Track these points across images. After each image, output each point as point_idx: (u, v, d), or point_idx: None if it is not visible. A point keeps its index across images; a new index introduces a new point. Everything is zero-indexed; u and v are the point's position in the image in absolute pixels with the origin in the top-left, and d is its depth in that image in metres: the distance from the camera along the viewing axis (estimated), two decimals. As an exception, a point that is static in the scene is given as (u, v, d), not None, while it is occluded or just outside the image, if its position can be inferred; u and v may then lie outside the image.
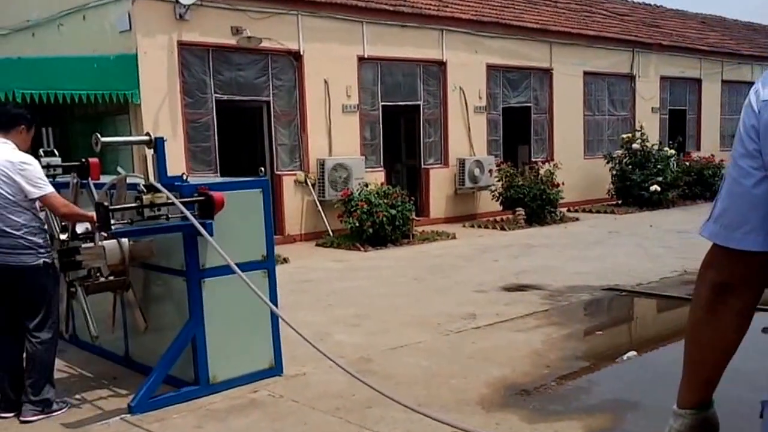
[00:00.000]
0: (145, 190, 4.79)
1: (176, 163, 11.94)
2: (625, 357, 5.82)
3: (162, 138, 5.23)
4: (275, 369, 5.67)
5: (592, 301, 7.86)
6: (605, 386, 5.38)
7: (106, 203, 4.67)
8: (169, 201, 4.84)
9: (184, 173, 5.28)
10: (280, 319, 5.65)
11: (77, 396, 5.49)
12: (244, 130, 14.09)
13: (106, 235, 4.81)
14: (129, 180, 5.32)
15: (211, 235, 5.04)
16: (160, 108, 11.96)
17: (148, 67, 11.74)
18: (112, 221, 4.71)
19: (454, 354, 6.06)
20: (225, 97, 12.69)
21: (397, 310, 7.71)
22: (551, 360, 5.80)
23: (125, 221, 4.90)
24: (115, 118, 12.28)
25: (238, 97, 12.90)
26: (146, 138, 5.17)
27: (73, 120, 13.26)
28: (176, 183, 5.22)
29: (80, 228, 5.17)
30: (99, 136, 4.97)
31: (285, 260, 10.99)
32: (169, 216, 4.98)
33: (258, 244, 5.58)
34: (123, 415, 4.98)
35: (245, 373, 5.51)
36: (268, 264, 5.64)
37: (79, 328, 6.73)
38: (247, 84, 12.97)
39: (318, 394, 5.25)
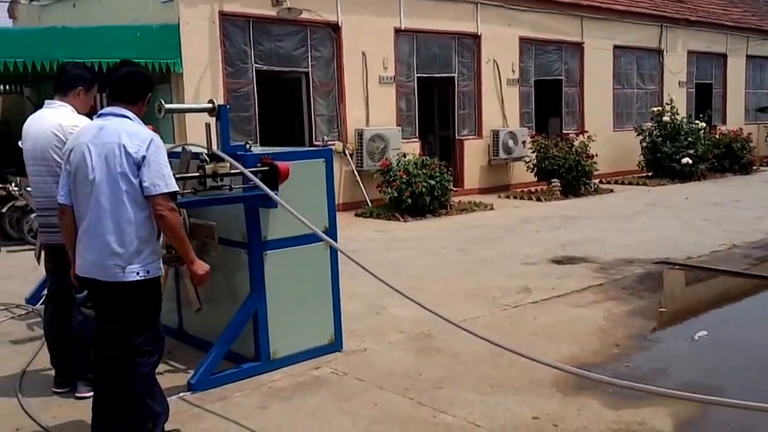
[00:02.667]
0: (207, 159, 4.32)
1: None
2: (696, 336, 5.33)
3: (226, 106, 4.76)
4: (335, 345, 5.24)
5: (646, 275, 7.33)
6: (683, 368, 4.87)
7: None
8: (234, 171, 4.37)
9: (248, 142, 4.81)
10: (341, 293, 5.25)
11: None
12: (283, 101, 13.60)
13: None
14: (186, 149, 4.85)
15: (275, 206, 4.60)
16: (202, 78, 11.52)
17: (190, 37, 11.30)
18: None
19: (517, 330, 5.60)
20: (265, 68, 12.21)
21: (448, 283, 7.24)
22: (619, 338, 5.32)
23: (188, 191, 4.45)
24: (156, 88, 11.81)
25: (277, 68, 12.42)
26: (209, 105, 4.70)
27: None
28: (239, 152, 4.75)
29: None
30: (163, 102, 4.51)
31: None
32: (232, 186, 4.53)
33: (320, 215, 5.12)
34: (182, 393, 4.58)
35: (306, 348, 5.09)
36: (330, 235, 5.18)
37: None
38: (286, 55, 12.47)
39: (383, 372, 4.82)
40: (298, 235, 4.91)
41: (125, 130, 3.52)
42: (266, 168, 4.59)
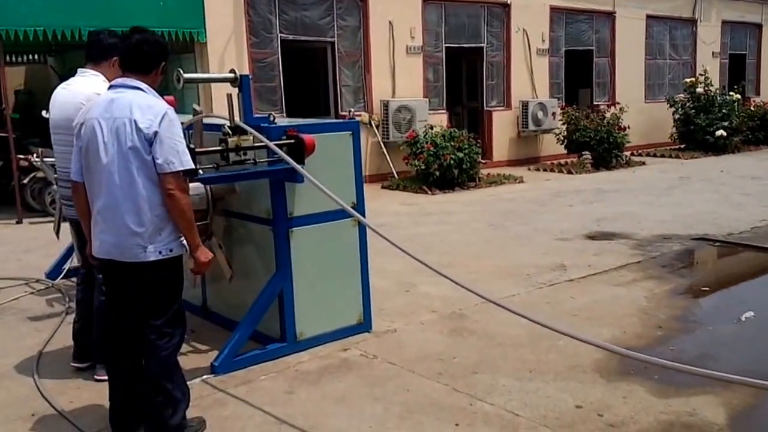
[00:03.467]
0: (230, 132, 4.02)
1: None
2: (743, 317, 4.97)
3: (248, 76, 4.45)
4: (364, 325, 4.96)
5: (686, 252, 6.95)
6: (732, 353, 4.53)
7: (191, 145, 3.91)
8: (258, 144, 4.07)
9: (271, 114, 4.50)
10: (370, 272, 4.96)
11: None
12: (308, 71, 13.25)
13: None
14: (207, 120, 4.56)
15: (301, 181, 4.31)
16: (226, 47, 11.21)
17: (214, 6, 10.98)
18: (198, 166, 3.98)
19: (554, 311, 5.28)
20: (290, 37, 11.86)
21: (480, 259, 6.93)
22: (662, 320, 4.97)
23: (210, 166, 4.17)
24: (180, 57, 11.54)
25: (303, 38, 12.06)
26: (231, 75, 4.39)
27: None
28: (263, 125, 4.45)
29: None
30: (181, 71, 4.21)
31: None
32: (256, 161, 4.23)
33: (348, 190, 4.82)
34: (206, 376, 4.34)
35: (333, 329, 4.82)
36: (358, 210, 4.86)
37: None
38: (312, 24, 12.09)
39: (415, 355, 4.53)
40: (325, 211, 4.62)
41: (137, 104, 3.24)
42: (291, 141, 4.28)
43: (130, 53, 3.35)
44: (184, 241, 3.43)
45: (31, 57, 14.32)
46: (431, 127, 11.84)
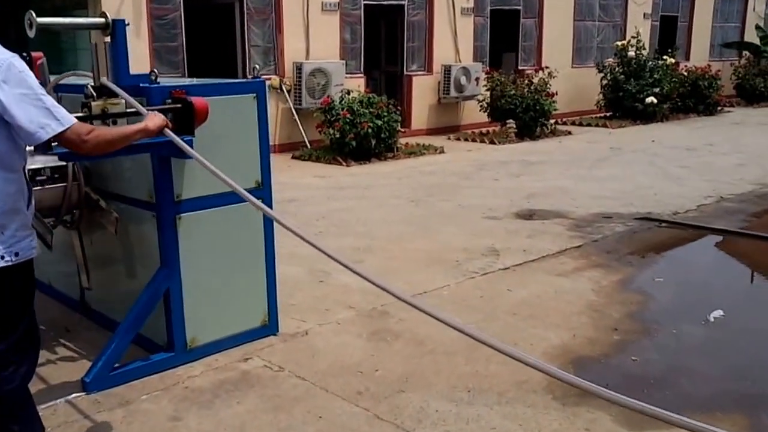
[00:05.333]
0: (94, 94, 3.25)
1: (139, 65, 10.14)
2: (711, 318, 4.56)
3: (123, 20, 3.67)
4: (269, 327, 4.33)
5: (629, 234, 6.58)
6: (707, 364, 4.07)
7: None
8: (131, 110, 3.32)
9: (153, 71, 3.74)
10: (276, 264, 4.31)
11: (16, 358, 4.09)
12: (214, 30, 12.28)
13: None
14: (75, 80, 3.77)
15: (190, 156, 3.59)
16: (123, 1, 10.18)
17: (106, -47, 9.89)
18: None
19: (490, 307, 4.77)
20: (193, -8, 10.88)
21: (402, 241, 6.37)
22: (616, 320, 4.53)
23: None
24: (72, 14, 10.42)
25: (207, -8, 11.09)
26: (100, 20, 3.59)
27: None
28: (142, 85, 3.69)
29: None
30: (33, 14, 3.39)
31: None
32: (131, 131, 3.47)
33: (251, 166, 4.16)
34: (75, 395, 3.65)
35: (232, 333, 4.17)
36: (263, 192, 4.23)
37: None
38: (216, -23, 11.14)
39: (329, 366, 3.93)
40: (223, 192, 3.91)
41: None
42: (177, 105, 3.55)
43: None
44: (34, 241, 2.69)
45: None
46: (348, 93, 11.16)
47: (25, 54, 4.55)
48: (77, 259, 4.35)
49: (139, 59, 10.29)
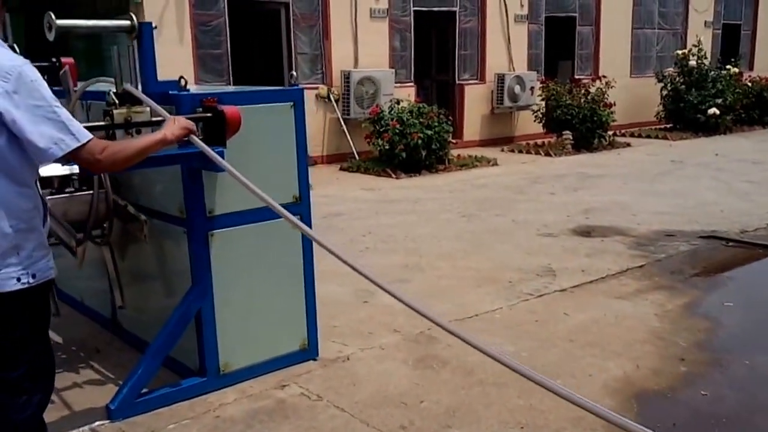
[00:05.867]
0: (116, 102, 3.05)
1: (184, 72, 10.04)
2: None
3: (150, 23, 3.48)
4: (308, 351, 4.07)
5: (695, 253, 6.14)
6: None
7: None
8: (157, 118, 3.12)
9: (181, 77, 3.53)
10: (316, 285, 4.06)
11: (44, 379, 3.92)
12: (260, 37, 12.19)
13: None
14: (104, 87, 3.59)
15: (222, 168, 3.36)
16: (165, 7, 10.17)
17: (150, -41, 9.89)
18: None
19: (545, 332, 4.43)
20: (239, -3, 10.81)
21: (452, 259, 6.07)
22: (683, 349, 4.14)
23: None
24: (114, 20, 10.43)
25: (253, -2, 11.01)
26: (126, 23, 3.41)
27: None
28: (171, 92, 3.49)
29: None
30: (52, 16, 3.21)
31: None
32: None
33: (288, 180, 3.92)
34: (98, 423, 3.45)
35: (269, 358, 3.92)
36: (301, 207, 3.99)
37: (62, 272, 5.17)
38: (263, -18, 11.05)
39: (370, 395, 3.65)
40: (259, 207, 3.67)
41: None
42: (208, 115, 3.33)
43: None
44: (51, 261, 2.50)
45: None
46: (397, 102, 10.91)
47: (54, 60, 4.46)
48: (110, 275, 4.18)
49: (183, 67, 10.22)
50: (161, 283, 4.02)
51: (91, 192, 3.73)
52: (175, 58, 10.20)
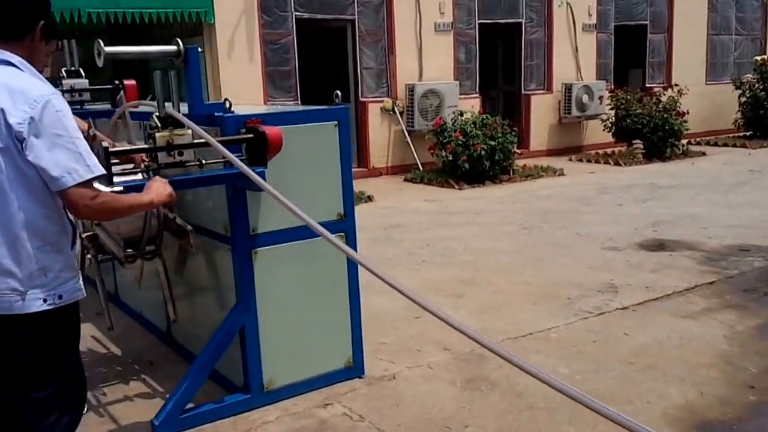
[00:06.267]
0: (159, 125, 3.02)
1: (254, 89, 10.35)
2: None
3: (196, 47, 3.44)
4: (354, 369, 3.96)
5: (770, 269, 5.76)
6: None
7: (106, 143, 2.93)
8: (199, 140, 3.07)
9: (226, 99, 3.48)
10: (362, 301, 3.94)
11: (101, 389, 3.97)
12: (326, 53, 12.23)
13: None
14: (145, 108, 3.59)
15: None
16: (236, 28, 10.31)
17: (222, -19, 10.06)
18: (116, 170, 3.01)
19: (603, 354, 4.18)
20: (306, 16, 10.89)
21: (510, 274, 5.85)
22: (753, 376, 3.82)
23: (138, 169, 3.20)
24: (189, 41, 10.64)
25: (320, 16, 11.07)
26: (173, 48, 3.38)
27: (151, 44, 11.68)
28: (216, 114, 3.45)
29: None
30: (101, 43, 3.21)
31: (369, 198, 9.28)
32: (203, 161, 3.21)
33: (332, 198, 3.81)
34: (143, 437, 3.41)
35: (313, 376, 3.83)
36: (346, 224, 3.87)
37: (123, 285, 5.25)
38: (330, 1, 11.12)
39: (414, 418, 3.51)
40: (302, 225, 3.56)
41: (6, 86, 2.27)
42: (249, 136, 3.27)
43: None
44: (79, 283, 2.48)
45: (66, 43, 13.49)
46: (461, 114, 10.73)
47: (116, 82, 4.51)
48: (161, 286, 4.17)
49: (253, 85, 10.39)
50: (209, 298, 4.00)
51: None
52: (246, 76, 10.35)
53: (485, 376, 3.93)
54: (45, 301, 2.35)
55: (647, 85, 14.59)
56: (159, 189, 2.75)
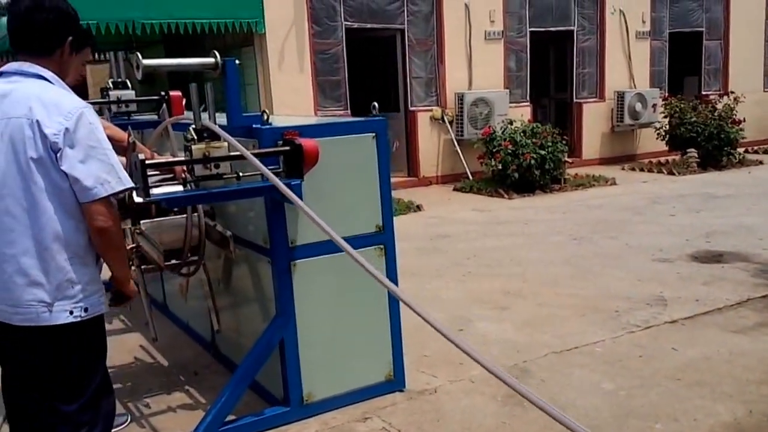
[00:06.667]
0: (195, 137, 3.01)
1: (304, 99, 10.40)
2: None
3: (233, 60, 3.43)
4: (394, 382, 3.88)
5: (828, 282, 5.47)
6: None
7: (143, 155, 2.94)
8: (234, 153, 3.05)
9: (264, 111, 3.46)
10: (401, 313, 3.86)
11: (145, 400, 3.98)
12: (375, 63, 12.23)
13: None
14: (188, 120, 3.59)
15: (300, 200, 3.27)
16: (286, 38, 10.38)
17: (273, -8, 10.12)
18: (153, 183, 3.01)
19: (649, 369, 4.01)
20: (355, 25, 10.89)
21: (557, 285, 5.70)
22: (807, 393, 3.64)
23: (175, 182, 3.19)
24: (241, 51, 10.78)
25: (369, 25, 11.06)
26: (210, 60, 3.38)
27: (204, 54, 11.87)
28: (254, 126, 3.43)
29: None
30: (140, 57, 3.23)
31: (418, 207, 9.20)
32: (241, 173, 3.19)
33: (370, 210, 3.74)
34: (183, 450, 3.39)
35: (353, 389, 3.77)
36: (385, 237, 3.80)
37: (171, 295, 5.30)
38: (379, 10, 11.08)
39: (456, 432, 3.42)
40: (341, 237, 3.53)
41: (40, 99, 2.29)
42: (286, 148, 3.24)
43: (20, 26, 2.39)
44: (104, 297, 2.49)
45: (104, 55, 13.84)
46: (510, 123, 10.57)
47: (162, 94, 4.55)
48: (205, 296, 4.18)
49: (303, 94, 10.44)
50: (251, 309, 3.97)
51: (185, 216, 3.72)
52: (296, 86, 10.41)
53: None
54: (71, 313, 2.36)
55: (703, 93, 14.16)
56: (133, 287, 2.70)
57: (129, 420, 3.73)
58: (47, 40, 2.39)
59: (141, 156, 2.86)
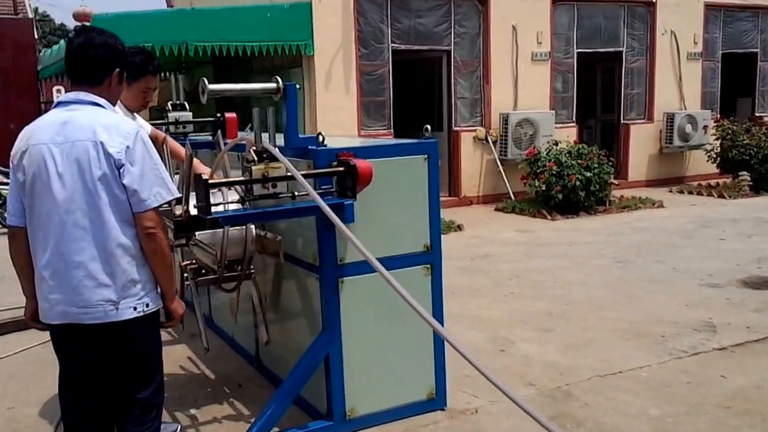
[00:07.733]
0: (255, 159, 3.16)
1: (349, 119, 10.60)
2: None
3: (294, 84, 3.57)
4: (436, 401, 3.94)
5: None
6: None
7: (206, 175, 3.10)
8: (290, 174, 3.17)
9: (320, 133, 3.60)
10: (453, 330, 3.92)
11: (191, 411, 4.11)
12: (419, 83, 12.38)
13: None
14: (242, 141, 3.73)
15: (352, 219, 3.39)
16: (334, 59, 10.61)
17: (322, 16, 10.45)
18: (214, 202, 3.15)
19: (697, 396, 4.00)
20: (402, 47, 11.09)
21: (601, 309, 5.70)
22: None
23: (234, 200, 3.33)
24: (289, 72, 11.04)
25: (416, 47, 11.25)
26: (273, 85, 3.52)
27: (253, 75, 12.20)
28: (310, 147, 3.57)
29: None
30: (206, 81, 3.39)
31: (459, 227, 9.24)
32: (296, 193, 3.31)
33: (419, 230, 3.83)
34: (229, 461, 3.50)
35: (395, 406, 3.83)
36: (432, 256, 3.88)
37: (216, 308, 5.45)
38: (426, 32, 11.25)
39: (496, 453, 3.46)
40: (389, 255, 3.64)
41: (101, 123, 2.60)
42: (340, 169, 3.36)
43: (73, 60, 2.71)
44: (159, 293, 2.83)
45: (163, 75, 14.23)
46: (555, 144, 10.58)
47: (218, 115, 4.73)
48: (254, 310, 4.28)
49: (348, 114, 10.62)
50: (297, 324, 4.07)
51: (238, 228, 3.84)
52: (342, 106, 10.60)
53: (570, 413, 3.83)
54: (135, 309, 2.68)
55: (757, 115, 13.97)
56: (181, 304, 2.96)
57: (179, 429, 3.86)
58: (98, 71, 2.69)
59: (205, 176, 3.03)
